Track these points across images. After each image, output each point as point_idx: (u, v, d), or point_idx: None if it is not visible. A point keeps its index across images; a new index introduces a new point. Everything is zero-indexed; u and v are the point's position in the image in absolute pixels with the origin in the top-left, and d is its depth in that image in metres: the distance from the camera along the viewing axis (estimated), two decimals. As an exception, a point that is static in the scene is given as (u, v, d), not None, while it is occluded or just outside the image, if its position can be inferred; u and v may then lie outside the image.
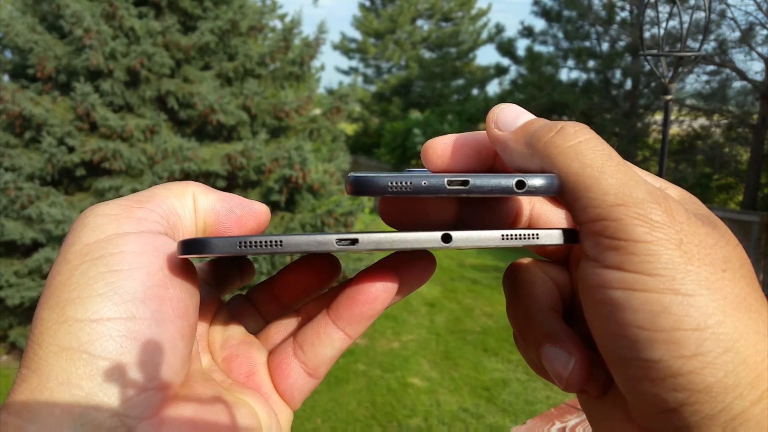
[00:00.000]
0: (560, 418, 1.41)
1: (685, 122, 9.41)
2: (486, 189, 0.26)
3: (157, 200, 0.28)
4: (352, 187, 0.26)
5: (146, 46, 4.46)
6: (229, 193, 0.31)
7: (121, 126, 4.41)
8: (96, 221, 0.26)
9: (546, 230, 0.28)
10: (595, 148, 0.26)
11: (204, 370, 0.31)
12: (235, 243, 0.25)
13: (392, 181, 0.26)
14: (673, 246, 0.23)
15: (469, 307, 5.76)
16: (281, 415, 0.31)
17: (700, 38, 1.30)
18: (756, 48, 7.97)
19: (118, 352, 0.24)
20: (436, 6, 14.14)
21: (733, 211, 7.01)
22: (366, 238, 0.26)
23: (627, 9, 9.54)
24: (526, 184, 0.26)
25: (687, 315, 0.22)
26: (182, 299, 0.27)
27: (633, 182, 0.24)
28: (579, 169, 0.25)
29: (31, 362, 0.24)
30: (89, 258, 0.25)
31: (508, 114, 0.29)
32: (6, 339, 4.57)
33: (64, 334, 0.23)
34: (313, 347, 0.31)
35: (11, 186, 4.23)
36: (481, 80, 13.95)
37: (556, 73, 10.29)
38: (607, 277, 0.24)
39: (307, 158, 4.70)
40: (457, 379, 4.33)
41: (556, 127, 0.27)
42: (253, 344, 0.32)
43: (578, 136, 0.26)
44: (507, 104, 0.29)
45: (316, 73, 9.23)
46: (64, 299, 0.24)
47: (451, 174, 0.26)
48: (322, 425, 3.74)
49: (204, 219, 0.30)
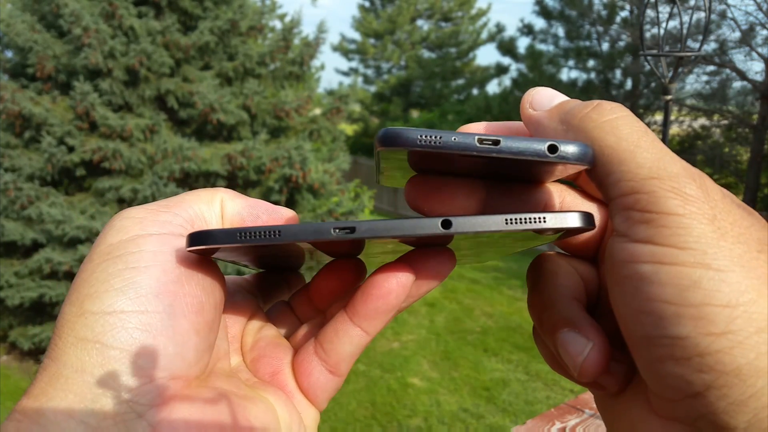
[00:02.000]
0: (560, 418, 1.41)
1: (685, 122, 9.41)
2: (517, 150, 0.25)
3: (184, 205, 0.30)
4: (381, 140, 0.26)
5: (145, 45, 4.46)
6: (257, 200, 0.32)
7: (121, 125, 4.41)
8: (122, 224, 0.28)
9: (555, 213, 0.26)
10: (631, 124, 0.26)
11: (231, 369, 0.32)
12: (235, 233, 0.26)
13: (422, 135, 0.25)
14: (707, 221, 0.23)
15: (469, 307, 5.76)
16: (306, 414, 0.31)
17: (700, 38, 1.30)
18: (756, 48, 7.97)
19: (130, 343, 0.25)
20: (436, 6, 14.14)
21: (733, 211, 7.01)
22: (363, 226, 0.26)
23: (627, 9, 9.54)
24: (558, 148, 0.25)
25: (718, 290, 0.21)
26: (197, 296, 0.27)
27: (668, 157, 0.24)
28: (614, 142, 0.25)
29: (51, 352, 0.25)
30: (110, 257, 0.27)
31: (543, 95, 0.29)
32: (6, 339, 4.57)
33: (80, 326, 0.25)
34: (332, 344, 0.31)
35: (11, 186, 4.23)
36: (481, 80, 13.94)
37: (557, 73, 10.29)
38: (636, 251, 0.23)
39: (307, 158, 4.70)
40: (457, 379, 4.33)
41: (592, 104, 0.27)
42: (281, 345, 0.33)
43: (615, 112, 0.26)
44: (542, 87, 0.30)
45: (315, 72, 9.23)
46: (84, 294, 0.26)
47: (482, 133, 0.26)
48: (322, 425, 3.74)
49: (231, 224, 0.31)
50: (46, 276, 4.38)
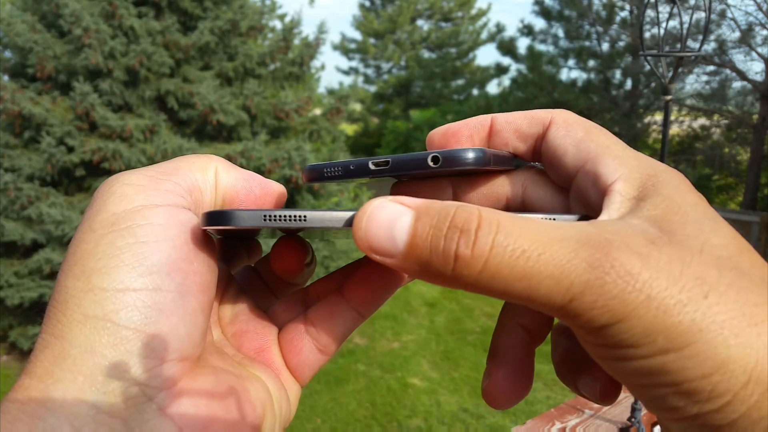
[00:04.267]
0: (560, 418, 1.41)
1: (685, 122, 9.41)
2: (404, 166, 0.28)
3: (181, 173, 0.29)
4: (304, 174, 0.30)
5: (145, 46, 4.46)
6: (250, 172, 0.31)
7: (121, 126, 4.41)
8: (123, 191, 0.26)
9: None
10: (503, 252, 0.20)
11: (216, 343, 0.31)
12: (260, 216, 0.26)
13: (327, 168, 0.29)
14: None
15: (469, 307, 5.76)
16: (290, 390, 0.32)
17: (700, 38, 1.30)
18: (756, 48, 7.98)
19: (143, 323, 0.24)
20: (436, 6, 14.13)
21: (733, 212, 7.01)
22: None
23: (627, 9, 9.54)
24: (440, 159, 0.27)
25: (685, 368, 0.20)
26: (204, 273, 0.27)
27: (570, 266, 0.20)
28: (508, 289, 0.20)
29: (54, 329, 0.24)
30: (116, 228, 0.25)
31: (380, 229, 0.22)
32: (6, 339, 4.57)
33: (89, 303, 0.24)
34: (326, 324, 0.31)
35: (11, 186, 4.23)
36: (481, 80, 13.94)
37: (557, 73, 10.30)
38: (599, 353, 0.22)
39: (307, 158, 4.70)
40: (457, 380, 4.33)
41: (449, 245, 0.21)
42: (263, 320, 0.33)
43: (486, 238, 0.20)
44: (376, 208, 0.22)
45: (316, 73, 9.24)
46: (90, 268, 0.24)
47: (375, 157, 0.29)
48: (322, 425, 3.74)
49: (223, 196, 0.30)
50: (46, 276, 4.38)
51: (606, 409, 1.47)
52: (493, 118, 0.30)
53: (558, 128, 0.28)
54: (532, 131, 0.29)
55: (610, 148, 0.26)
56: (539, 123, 0.29)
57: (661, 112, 4.65)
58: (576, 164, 0.27)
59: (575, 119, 0.28)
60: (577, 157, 0.27)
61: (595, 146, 0.27)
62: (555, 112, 0.29)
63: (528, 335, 0.31)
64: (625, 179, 0.24)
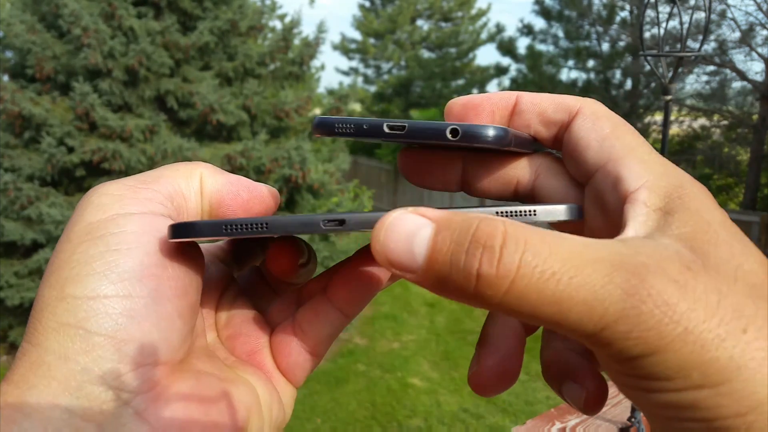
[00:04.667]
0: (560, 418, 1.41)
1: (685, 122, 9.42)
2: (420, 134, 0.26)
3: (162, 181, 0.28)
4: (313, 127, 0.29)
5: (145, 46, 4.46)
6: (237, 176, 0.31)
7: (121, 126, 4.41)
8: (100, 201, 0.27)
9: (545, 206, 0.26)
10: (531, 273, 0.19)
11: (209, 346, 0.31)
12: (221, 226, 0.26)
13: (338, 123, 0.28)
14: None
15: (469, 308, 5.76)
16: (284, 392, 0.31)
17: (700, 38, 1.29)
18: (756, 48, 7.98)
19: (114, 329, 0.24)
20: (436, 6, 14.13)
21: (733, 212, 7.01)
22: (353, 219, 0.26)
23: (627, 9, 9.54)
24: (459, 132, 0.26)
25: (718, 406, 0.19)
26: (180, 278, 0.27)
27: (604, 292, 0.19)
28: (535, 313, 0.19)
29: (31, 337, 0.24)
30: (90, 237, 0.25)
31: (399, 242, 0.20)
32: (6, 339, 4.57)
33: (62, 311, 0.24)
34: (311, 326, 0.31)
35: (11, 186, 4.23)
36: (481, 80, 13.94)
37: (557, 73, 10.30)
38: (625, 382, 0.21)
39: (307, 158, 4.70)
40: (457, 380, 4.33)
41: (471, 262, 0.19)
42: (256, 322, 0.32)
43: (512, 257, 0.19)
44: (394, 219, 0.21)
45: (316, 73, 9.23)
46: (64, 277, 0.25)
47: (392, 120, 0.27)
48: (322, 425, 3.74)
49: (210, 201, 0.30)
50: (46, 276, 4.38)
51: (606, 409, 1.47)
52: (518, 97, 0.29)
53: (585, 119, 0.27)
54: (556, 117, 0.28)
55: (635, 149, 0.25)
56: (566, 110, 0.28)
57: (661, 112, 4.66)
58: (597, 161, 0.26)
59: (604, 112, 0.27)
60: (600, 154, 0.26)
61: (621, 145, 0.25)
62: (584, 101, 0.28)
63: (520, 325, 0.30)
64: (650, 188, 0.23)
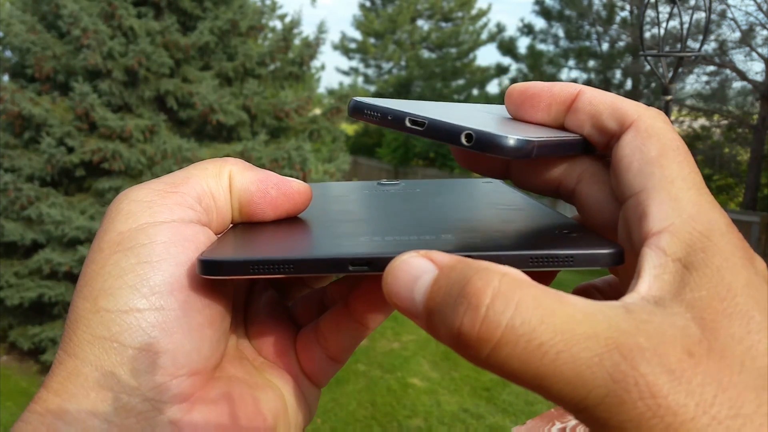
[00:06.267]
0: (560, 418, 1.41)
1: (685, 123, 9.41)
2: (437, 134, 0.26)
3: (191, 182, 0.29)
4: (349, 107, 0.29)
5: (145, 46, 4.46)
6: (267, 172, 0.31)
7: (121, 126, 4.41)
8: (129, 208, 0.27)
9: (585, 252, 0.24)
10: (517, 341, 0.18)
11: (238, 345, 0.32)
12: (248, 266, 0.25)
13: (367, 109, 0.28)
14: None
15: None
16: (309, 394, 0.32)
17: (701, 38, 1.29)
18: (756, 48, 7.98)
19: (147, 342, 0.25)
20: (436, 6, 14.14)
21: (733, 212, 7.01)
22: (382, 262, 0.24)
23: (627, 9, 9.54)
24: (473, 139, 0.24)
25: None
26: (210, 287, 0.27)
27: (590, 374, 0.18)
28: (518, 381, 0.18)
29: (67, 346, 0.25)
30: (121, 248, 0.26)
31: (401, 288, 0.20)
32: (6, 339, 4.57)
33: (96, 324, 0.25)
34: (332, 335, 0.31)
35: (11, 187, 4.23)
36: (481, 80, 13.94)
37: (557, 73, 10.30)
38: None
39: (308, 158, 4.70)
40: (458, 380, 4.33)
41: (453, 318, 0.18)
42: (283, 321, 0.33)
43: (497, 318, 0.18)
44: (400, 263, 0.21)
45: (316, 73, 9.24)
46: (98, 289, 0.25)
47: (414, 113, 0.26)
48: (322, 425, 3.73)
49: (239, 199, 0.30)
50: (46, 276, 4.38)
51: (606, 409, 1.47)
52: (580, 92, 0.27)
53: (636, 136, 0.25)
54: (609, 125, 0.26)
55: (674, 182, 0.23)
56: (620, 119, 0.26)
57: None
58: (633, 187, 0.24)
59: (659, 129, 0.24)
60: (637, 179, 0.24)
61: (660, 175, 0.23)
62: (643, 112, 0.25)
63: None
64: (674, 233, 0.21)
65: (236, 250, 0.27)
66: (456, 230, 0.30)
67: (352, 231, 0.30)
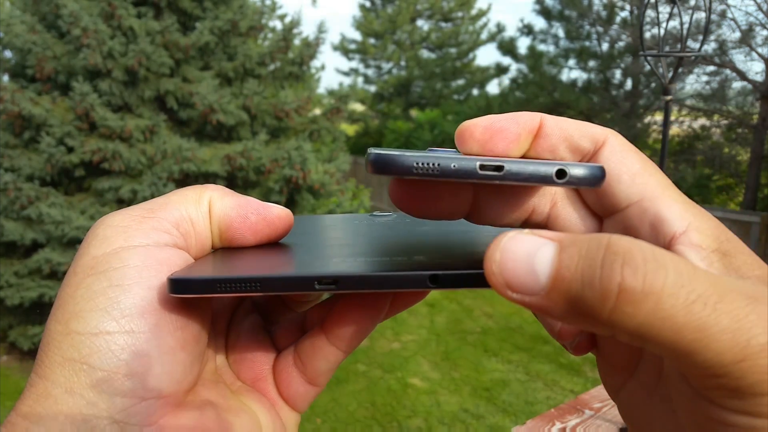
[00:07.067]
0: (560, 418, 1.41)
1: (684, 123, 9.41)
2: (522, 177, 0.24)
3: (169, 208, 0.29)
4: (373, 166, 0.24)
5: (145, 46, 4.46)
6: (248, 198, 0.31)
7: (121, 126, 4.41)
8: (105, 233, 0.27)
9: None
10: (678, 293, 0.18)
11: (217, 369, 0.32)
12: (215, 285, 0.25)
13: (418, 162, 0.24)
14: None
15: (469, 308, 5.76)
16: (287, 419, 0.32)
17: (701, 38, 1.30)
18: (756, 48, 7.98)
19: (116, 365, 0.25)
20: (436, 6, 14.13)
21: (733, 212, 7.01)
22: (349, 281, 0.24)
23: (627, 9, 9.54)
24: (567, 173, 0.24)
25: None
26: (182, 310, 0.27)
27: (748, 322, 0.18)
28: (675, 338, 0.18)
29: (38, 368, 0.25)
30: (94, 272, 0.26)
31: (518, 262, 0.20)
32: (6, 339, 4.57)
33: (67, 346, 0.25)
34: (310, 360, 0.31)
35: (11, 186, 4.23)
36: (481, 80, 13.94)
37: (558, 73, 10.30)
38: (732, 420, 0.20)
39: (308, 158, 4.70)
40: (458, 380, 4.33)
41: (609, 275, 0.18)
42: (262, 346, 0.33)
43: (657, 272, 0.18)
44: (510, 239, 0.20)
45: (316, 73, 9.23)
46: (69, 312, 0.26)
47: (484, 157, 0.24)
48: (322, 425, 3.73)
49: (218, 225, 0.30)
50: (46, 276, 4.38)
51: (606, 409, 1.47)
52: (543, 119, 0.28)
53: (613, 152, 0.26)
54: (583, 145, 0.27)
55: (668, 189, 0.25)
56: (592, 139, 0.27)
57: (661, 112, 4.65)
58: (629, 197, 0.26)
59: (629, 147, 0.27)
60: (632, 189, 0.26)
61: (655, 183, 0.25)
62: (609, 132, 0.27)
63: None
64: (699, 230, 0.23)
65: (207, 271, 0.27)
66: (429, 252, 0.30)
67: (327, 253, 0.30)
